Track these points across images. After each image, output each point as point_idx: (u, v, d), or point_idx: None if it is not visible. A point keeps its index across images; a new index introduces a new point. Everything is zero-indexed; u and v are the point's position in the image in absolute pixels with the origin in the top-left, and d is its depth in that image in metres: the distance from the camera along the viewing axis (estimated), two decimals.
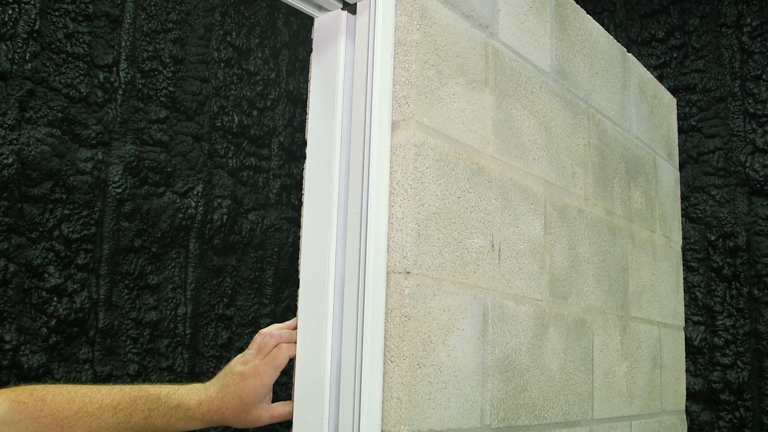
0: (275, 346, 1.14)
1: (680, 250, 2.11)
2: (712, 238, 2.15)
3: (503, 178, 1.32)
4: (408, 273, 1.09)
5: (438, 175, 1.17)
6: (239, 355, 1.16)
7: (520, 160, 1.38)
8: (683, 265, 2.13)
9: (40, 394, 1.04)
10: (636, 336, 1.75)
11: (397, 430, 1.06)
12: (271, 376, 1.12)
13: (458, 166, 1.22)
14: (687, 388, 2.08)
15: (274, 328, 1.17)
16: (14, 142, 1.73)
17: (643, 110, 1.91)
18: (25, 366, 1.70)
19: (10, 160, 1.71)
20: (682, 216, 2.17)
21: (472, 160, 1.25)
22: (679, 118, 2.21)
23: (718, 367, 2.09)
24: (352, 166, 1.14)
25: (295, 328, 1.16)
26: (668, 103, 2.11)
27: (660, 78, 2.26)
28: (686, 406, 2.06)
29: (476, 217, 1.25)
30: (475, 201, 1.25)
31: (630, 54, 1.88)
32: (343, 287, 1.11)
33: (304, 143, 1.21)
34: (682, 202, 2.17)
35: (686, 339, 2.10)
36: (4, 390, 1.05)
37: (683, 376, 2.05)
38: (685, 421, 2.04)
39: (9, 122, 1.71)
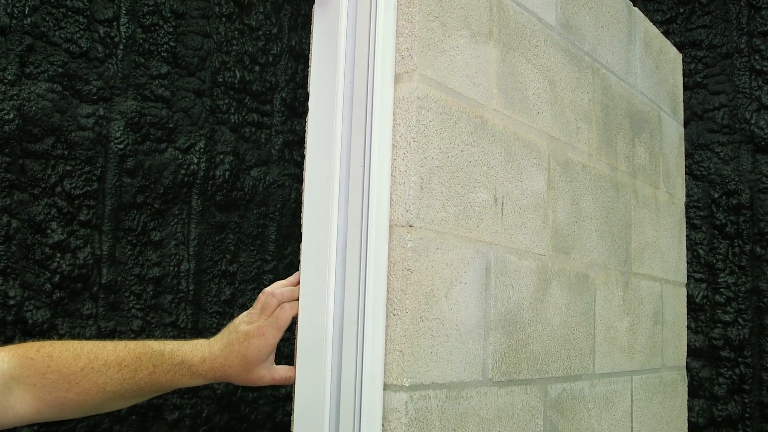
0: (278, 306, 1.14)
1: (683, 206, 2.10)
2: (716, 195, 2.15)
3: (507, 132, 1.31)
4: (411, 226, 1.09)
5: (441, 128, 1.16)
6: (244, 313, 1.16)
7: (524, 115, 1.37)
8: (686, 223, 2.13)
9: (47, 350, 1.04)
10: (638, 292, 1.75)
11: (400, 383, 1.07)
12: (274, 336, 1.12)
13: (461, 119, 1.21)
14: (688, 345, 2.09)
15: (277, 287, 1.16)
16: (15, 97, 1.72)
17: (649, 65, 1.89)
18: (30, 321, 1.71)
19: (11, 116, 1.70)
20: (686, 173, 2.16)
21: (476, 114, 1.24)
22: (684, 75, 2.19)
23: (719, 324, 2.10)
24: (355, 120, 1.13)
25: (298, 283, 1.16)
26: (674, 58, 2.09)
27: (666, 34, 2.23)
28: (687, 362, 2.07)
29: (479, 171, 1.24)
30: (479, 155, 1.24)
31: (636, 8, 1.86)
32: (345, 241, 1.11)
33: (307, 99, 1.20)
34: (686, 160, 2.16)
35: (688, 296, 2.11)
36: (11, 346, 1.05)
37: (684, 332, 2.06)
38: (686, 377, 2.06)
39: (9, 77, 1.70)
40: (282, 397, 2.20)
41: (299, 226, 1.16)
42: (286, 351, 1.29)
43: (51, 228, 1.76)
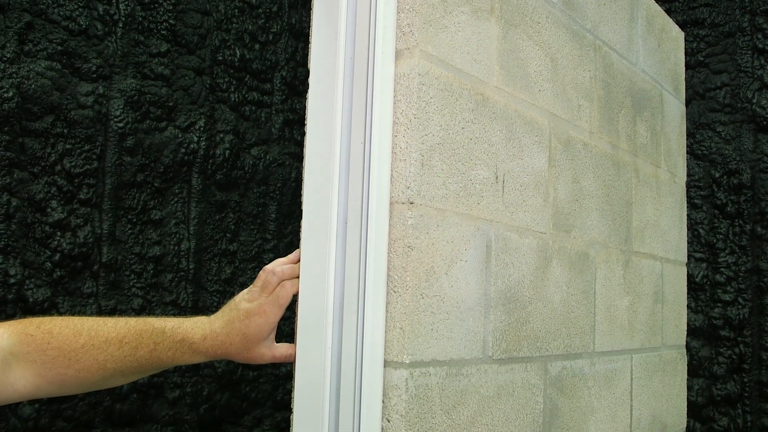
0: (278, 284, 1.14)
1: (684, 185, 2.10)
2: (717, 175, 2.14)
3: (508, 109, 1.31)
4: (411, 203, 1.09)
5: (442, 105, 1.15)
6: (245, 291, 1.15)
7: (526, 92, 1.36)
8: (687, 202, 2.13)
9: (48, 326, 1.04)
10: (638, 271, 1.75)
11: (400, 360, 1.07)
12: (275, 314, 1.12)
13: (462, 96, 1.20)
14: (687, 324, 2.09)
15: (277, 265, 1.16)
16: (14, 75, 1.71)
17: (651, 43, 1.88)
18: (30, 300, 1.71)
19: (10, 94, 1.70)
20: (687, 153, 2.15)
21: (477, 91, 1.24)
22: (686, 54, 2.18)
23: (719, 304, 2.10)
24: (355, 97, 1.13)
25: (298, 261, 1.16)
26: (676, 36, 2.08)
27: (668, 12, 2.22)
28: (686, 341, 2.08)
29: (480, 148, 1.24)
30: (480, 132, 1.24)
31: None
32: (346, 218, 1.11)
33: (307, 77, 1.19)
34: (687, 139, 2.15)
35: (688, 275, 2.11)
36: (11, 322, 1.05)
37: (684, 311, 2.06)
38: (685, 356, 2.06)
39: (8, 55, 1.69)
40: (282, 375, 2.21)
41: (299, 205, 1.16)
42: (286, 330, 1.28)
43: (51, 207, 1.76)
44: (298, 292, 1.14)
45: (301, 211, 1.15)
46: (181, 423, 1.97)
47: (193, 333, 1.11)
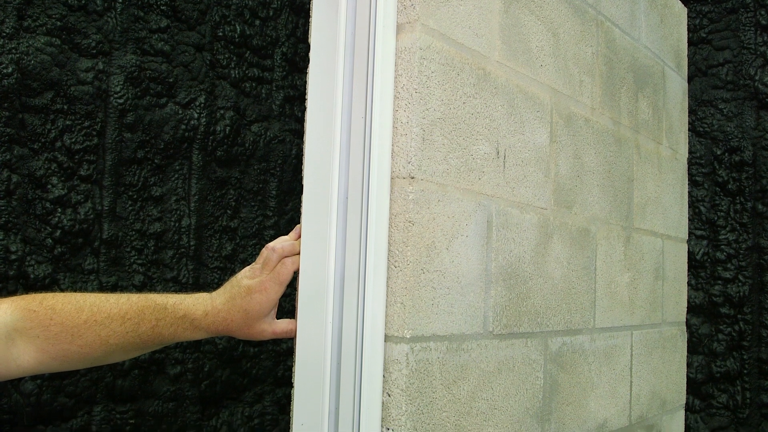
0: (279, 261, 1.14)
1: (686, 162, 2.10)
2: (718, 152, 2.14)
3: (509, 84, 1.30)
4: (412, 178, 1.09)
5: (443, 79, 1.15)
6: (247, 268, 1.16)
7: (527, 67, 1.35)
8: (688, 180, 2.12)
9: (50, 302, 1.04)
10: (639, 247, 1.75)
11: (401, 335, 1.07)
12: (276, 291, 1.12)
13: (464, 71, 1.20)
14: (688, 302, 2.09)
15: (278, 242, 1.16)
16: (13, 51, 1.70)
17: (653, 19, 1.87)
18: (32, 276, 1.72)
19: (10, 70, 1.69)
20: (689, 130, 2.15)
21: (478, 65, 1.23)
22: (689, 30, 2.16)
23: (720, 281, 2.11)
24: (356, 71, 1.12)
25: (300, 236, 1.16)
26: (678, 12, 2.06)
27: None
28: (686, 319, 2.08)
29: (482, 123, 1.23)
30: (481, 107, 1.23)
31: None
32: (347, 192, 1.11)
33: (308, 53, 1.18)
34: (689, 116, 2.15)
35: (689, 253, 2.11)
36: (14, 298, 1.05)
37: (685, 288, 2.06)
38: (685, 333, 2.07)
39: (7, 31, 1.68)
40: (283, 352, 2.22)
41: (300, 181, 1.16)
42: (287, 307, 1.29)
43: (51, 183, 1.76)
44: (298, 270, 1.14)
45: (302, 187, 1.15)
46: (182, 399, 1.98)
47: (194, 309, 1.11)
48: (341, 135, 1.12)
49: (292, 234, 1.17)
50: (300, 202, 1.15)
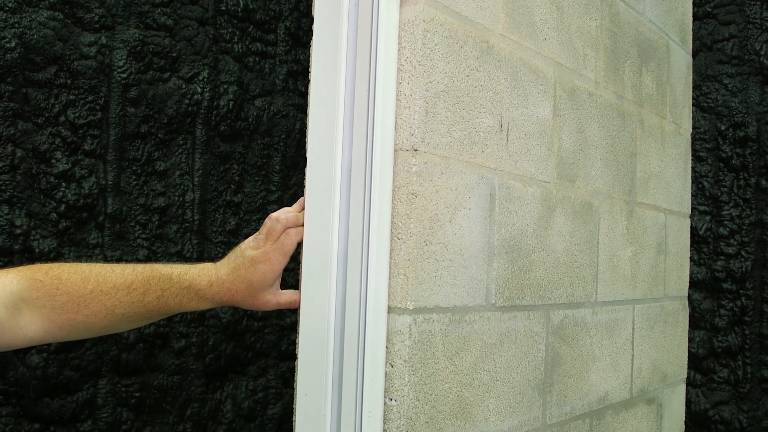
0: (283, 232, 1.14)
1: (690, 137, 2.09)
2: (723, 127, 2.13)
3: (513, 57, 1.30)
4: (416, 150, 1.09)
5: (447, 52, 1.15)
6: (250, 238, 1.16)
7: (531, 40, 1.35)
8: (692, 155, 2.12)
9: (56, 272, 1.05)
10: (642, 221, 1.76)
11: (404, 306, 1.08)
12: (280, 262, 1.13)
13: (467, 43, 1.19)
14: (690, 277, 2.10)
15: (282, 213, 1.16)
16: (16, 25, 1.70)
17: None
18: (37, 251, 1.72)
19: (13, 44, 1.69)
20: (693, 105, 2.14)
21: (482, 38, 1.23)
22: (694, 5, 2.15)
23: (722, 257, 2.11)
24: (360, 43, 1.12)
25: (303, 209, 1.16)
26: None
27: None
28: (688, 294, 2.09)
29: (485, 96, 1.23)
30: (484, 80, 1.23)
31: None
32: (350, 165, 1.11)
33: (311, 28, 1.18)
34: (693, 91, 2.14)
35: (691, 228, 2.11)
36: (20, 268, 1.06)
37: (687, 263, 2.07)
38: (687, 307, 2.07)
39: (10, 5, 1.68)
40: (287, 326, 2.23)
41: (303, 156, 1.16)
42: (290, 282, 1.29)
43: (56, 158, 1.76)
44: (302, 240, 1.15)
45: (305, 161, 1.15)
46: (186, 372, 2.00)
47: (199, 280, 1.12)
48: (345, 108, 1.12)
49: (296, 206, 1.17)
50: (303, 177, 1.16)
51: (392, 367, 1.08)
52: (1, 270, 1.03)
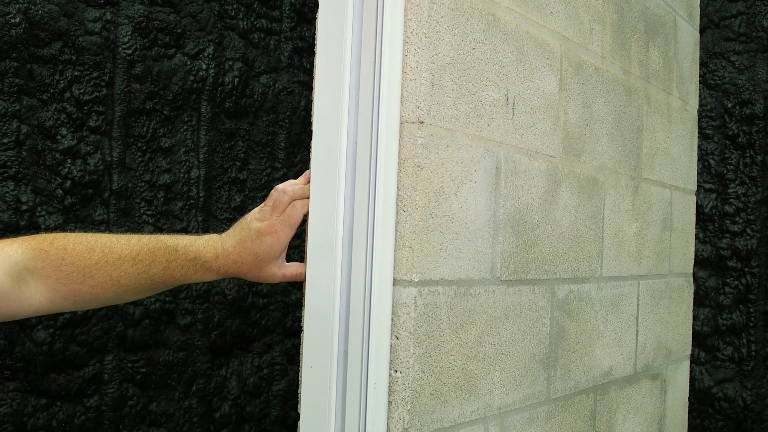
0: (289, 204, 1.14)
1: (696, 113, 2.08)
2: (729, 105, 2.12)
3: (519, 30, 1.29)
4: (421, 123, 1.09)
5: (453, 24, 1.14)
6: (256, 210, 1.16)
7: (537, 14, 1.34)
8: (698, 133, 2.12)
9: (61, 242, 1.05)
10: (647, 197, 1.75)
11: (409, 278, 1.08)
12: (287, 234, 1.13)
13: (473, 16, 1.19)
14: (695, 255, 2.10)
15: (288, 185, 1.16)
16: (20, 1, 1.70)
17: None
18: (42, 227, 1.73)
19: (18, 20, 1.69)
20: (700, 83, 2.13)
21: (488, 11, 1.22)
22: None
23: (728, 235, 2.11)
24: (366, 15, 1.12)
25: (309, 181, 1.16)
26: None
27: None
28: (693, 271, 2.09)
29: (491, 69, 1.23)
30: (490, 53, 1.23)
31: None
32: (356, 137, 1.11)
33: (316, 5, 1.18)
34: (700, 69, 2.13)
35: (697, 206, 2.11)
36: (26, 237, 1.06)
37: (692, 239, 2.07)
38: (692, 284, 2.07)
39: None
40: (292, 303, 2.24)
41: (309, 133, 1.16)
42: (295, 258, 1.30)
43: (61, 134, 1.76)
44: (308, 213, 1.15)
45: (311, 138, 1.15)
46: (192, 348, 2.01)
47: (205, 251, 1.12)
48: (350, 80, 1.12)
49: (302, 178, 1.17)
50: (308, 154, 1.15)
51: (397, 339, 1.09)
52: (5, 240, 1.03)
